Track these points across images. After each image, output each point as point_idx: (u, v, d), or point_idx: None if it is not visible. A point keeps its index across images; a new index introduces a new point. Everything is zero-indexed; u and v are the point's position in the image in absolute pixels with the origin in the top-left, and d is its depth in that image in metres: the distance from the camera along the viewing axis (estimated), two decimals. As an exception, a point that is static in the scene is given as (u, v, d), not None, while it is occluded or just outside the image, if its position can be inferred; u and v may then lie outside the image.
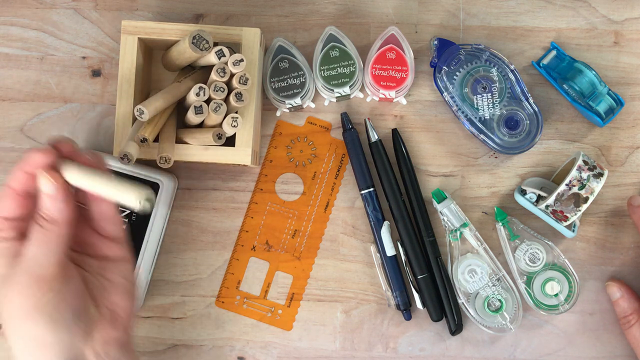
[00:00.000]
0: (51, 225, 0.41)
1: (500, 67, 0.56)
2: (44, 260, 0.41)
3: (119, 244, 0.46)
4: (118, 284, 0.45)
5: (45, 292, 0.41)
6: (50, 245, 0.41)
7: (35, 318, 0.41)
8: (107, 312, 0.44)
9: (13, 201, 0.43)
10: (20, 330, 0.41)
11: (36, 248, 0.41)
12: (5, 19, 0.59)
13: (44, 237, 0.41)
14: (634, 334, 0.54)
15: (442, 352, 0.57)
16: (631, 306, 0.54)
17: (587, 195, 0.53)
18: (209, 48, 0.49)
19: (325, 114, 0.59)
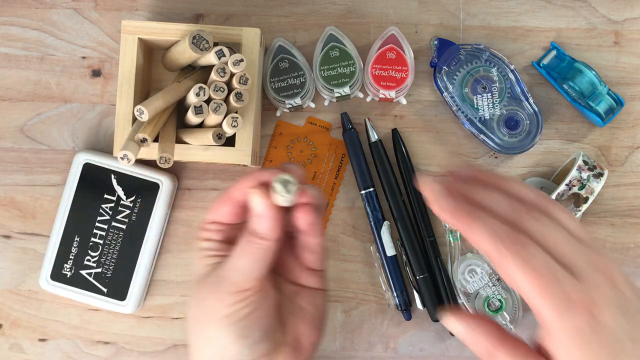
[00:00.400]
0: (260, 241, 0.41)
1: (500, 67, 0.56)
2: (248, 272, 0.41)
3: (319, 275, 0.45)
4: (309, 313, 0.44)
5: (242, 304, 0.40)
6: (256, 261, 0.41)
7: (224, 326, 0.40)
8: (292, 339, 0.43)
9: (230, 209, 0.43)
10: (205, 333, 0.41)
11: (242, 259, 0.41)
12: (5, 19, 0.59)
13: (252, 251, 0.41)
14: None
15: (442, 352, 0.57)
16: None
17: (587, 195, 0.53)
18: (209, 48, 0.49)
19: (325, 114, 0.59)
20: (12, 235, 0.58)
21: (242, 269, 0.41)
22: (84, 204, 0.56)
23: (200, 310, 0.41)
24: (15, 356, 0.57)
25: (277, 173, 0.41)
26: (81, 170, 0.56)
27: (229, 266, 0.41)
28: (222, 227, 0.44)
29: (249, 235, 0.41)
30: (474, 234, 0.34)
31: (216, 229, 0.44)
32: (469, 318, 0.36)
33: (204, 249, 0.43)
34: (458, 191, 0.36)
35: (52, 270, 0.56)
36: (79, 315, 0.58)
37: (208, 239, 0.43)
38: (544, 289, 0.32)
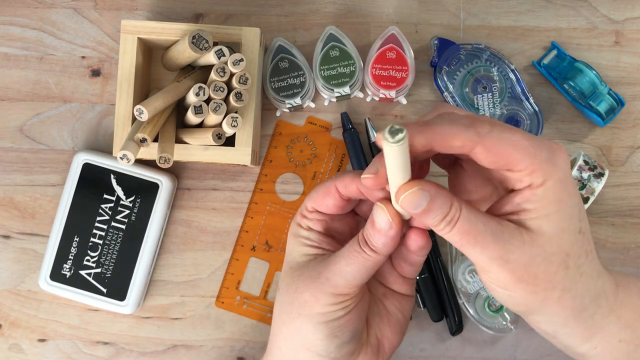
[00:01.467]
0: (372, 254, 0.38)
1: (501, 67, 0.56)
2: (351, 280, 0.39)
3: (410, 283, 0.44)
4: (394, 317, 0.44)
5: (339, 306, 0.39)
6: (361, 270, 0.39)
7: (317, 324, 0.40)
8: (375, 340, 0.43)
9: (335, 202, 0.41)
10: (295, 323, 0.40)
11: (348, 266, 0.39)
12: (5, 18, 0.59)
13: (360, 260, 0.38)
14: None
15: (442, 352, 0.57)
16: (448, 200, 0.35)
17: (587, 195, 0.53)
18: (209, 48, 0.49)
19: (325, 114, 0.58)
20: (12, 236, 0.58)
21: (347, 275, 0.39)
22: (84, 204, 0.56)
23: (294, 299, 0.40)
24: (14, 356, 0.57)
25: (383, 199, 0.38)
26: (81, 170, 0.56)
27: (332, 268, 0.39)
28: (322, 217, 0.42)
29: (362, 245, 0.38)
30: (443, 134, 0.33)
31: (317, 219, 0.42)
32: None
33: (302, 237, 0.42)
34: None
35: (51, 271, 0.56)
36: (79, 315, 0.58)
37: (309, 228, 0.42)
38: (531, 146, 0.33)
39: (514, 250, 0.33)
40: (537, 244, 0.34)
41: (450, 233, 0.34)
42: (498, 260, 0.34)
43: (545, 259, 0.34)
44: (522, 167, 0.33)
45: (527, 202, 0.34)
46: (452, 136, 0.33)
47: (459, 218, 0.33)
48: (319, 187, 0.41)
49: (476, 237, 0.33)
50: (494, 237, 0.33)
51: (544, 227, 0.34)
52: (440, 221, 0.34)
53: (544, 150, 0.34)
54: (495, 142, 0.33)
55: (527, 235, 0.34)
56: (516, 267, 0.34)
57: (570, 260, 0.34)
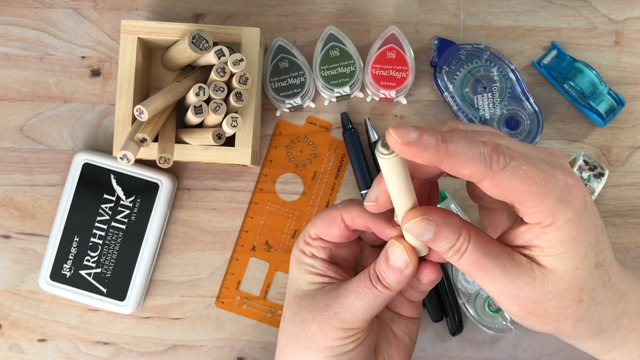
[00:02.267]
0: (383, 290, 0.37)
1: (501, 67, 0.56)
2: (360, 315, 0.38)
3: (417, 306, 0.44)
4: (401, 340, 0.43)
5: (348, 340, 0.39)
6: (372, 306, 0.38)
7: (326, 357, 0.39)
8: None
9: (338, 231, 0.40)
10: (303, 355, 0.40)
11: (357, 301, 0.38)
12: (5, 18, 0.59)
13: (371, 296, 0.37)
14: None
15: (442, 352, 0.57)
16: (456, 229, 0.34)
17: (587, 195, 0.53)
18: (209, 48, 0.49)
19: (325, 114, 0.58)
20: (12, 236, 0.58)
21: (356, 311, 0.38)
22: (84, 204, 0.56)
23: (300, 331, 0.39)
24: (14, 356, 0.57)
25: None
26: (80, 170, 0.56)
27: (342, 302, 0.38)
28: (326, 244, 0.41)
29: (374, 281, 0.37)
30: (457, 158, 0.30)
31: (320, 246, 0.41)
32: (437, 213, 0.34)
33: (307, 264, 0.41)
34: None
35: (51, 271, 0.56)
36: (79, 315, 0.58)
37: (312, 255, 0.41)
38: (544, 184, 0.31)
39: (523, 287, 0.32)
40: (549, 282, 0.33)
41: (458, 262, 0.33)
42: (507, 295, 0.33)
43: (556, 295, 0.33)
44: (530, 206, 0.32)
45: (537, 239, 0.32)
46: (464, 163, 0.30)
47: (467, 249, 0.32)
48: (324, 215, 0.40)
49: (484, 269, 0.32)
50: (503, 270, 0.32)
51: (556, 266, 0.32)
52: (448, 250, 0.33)
53: (557, 188, 0.31)
54: (506, 179, 0.31)
55: (538, 271, 0.33)
56: (526, 303, 0.33)
57: (584, 295, 0.33)
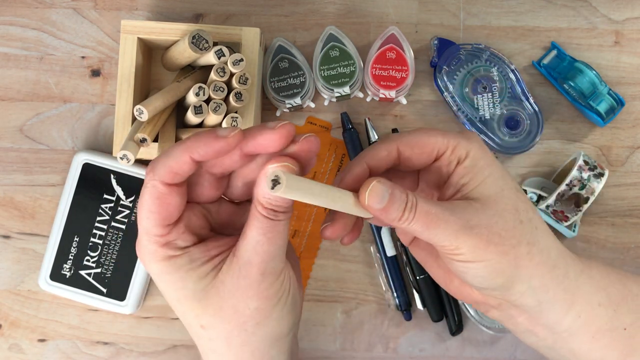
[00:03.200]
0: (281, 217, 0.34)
1: (501, 67, 0.56)
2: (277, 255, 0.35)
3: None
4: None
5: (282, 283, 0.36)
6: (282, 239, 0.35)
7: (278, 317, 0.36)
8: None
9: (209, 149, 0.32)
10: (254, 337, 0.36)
11: (270, 246, 0.34)
12: (5, 18, 0.59)
13: (275, 232, 0.34)
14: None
15: (442, 352, 0.57)
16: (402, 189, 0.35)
17: (587, 195, 0.53)
18: (209, 48, 0.49)
19: (325, 114, 0.58)
20: (12, 236, 0.58)
21: (275, 251, 0.34)
22: (84, 204, 0.56)
23: (240, 318, 0.35)
24: (14, 356, 0.57)
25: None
26: (80, 170, 0.56)
27: (258, 258, 0.34)
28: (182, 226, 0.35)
29: (271, 215, 0.33)
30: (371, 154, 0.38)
31: (180, 232, 0.35)
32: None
33: (183, 264, 0.34)
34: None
35: (51, 271, 0.56)
36: (79, 315, 0.58)
37: (180, 248, 0.35)
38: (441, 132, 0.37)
39: (472, 217, 0.35)
40: (488, 207, 0.36)
41: (413, 220, 0.34)
42: (462, 229, 0.35)
43: (500, 216, 0.36)
44: (444, 149, 0.37)
45: (462, 178, 0.37)
46: (377, 151, 0.37)
47: (417, 204, 0.35)
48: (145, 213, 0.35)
49: (437, 215, 0.34)
50: (451, 211, 0.35)
51: (485, 191, 0.36)
52: (403, 211, 0.34)
53: (454, 133, 0.38)
54: (410, 138, 0.37)
55: (475, 203, 0.36)
56: (481, 231, 0.35)
57: (521, 215, 0.37)
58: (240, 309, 0.35)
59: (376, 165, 0.38)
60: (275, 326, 0.36)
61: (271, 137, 0.33)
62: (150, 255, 0.35)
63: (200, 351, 0.39)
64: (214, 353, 0.37)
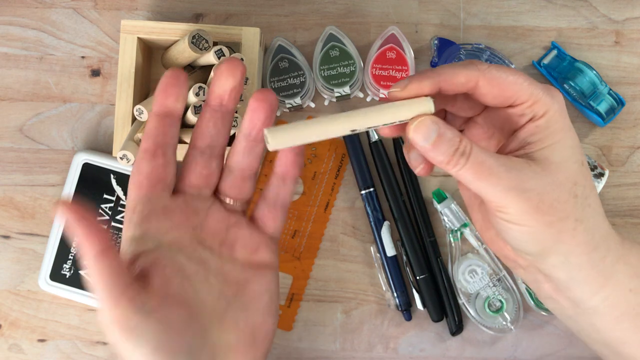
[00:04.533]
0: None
1: (501, 67, 0.56)
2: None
3: (273, 245, 0.38)
4: (261, 300, 0.36)
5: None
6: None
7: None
8: (244, 336, 0.35)
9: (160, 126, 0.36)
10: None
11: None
12: (5, 18, 0.59)
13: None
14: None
15: (442, 352, 0.57)
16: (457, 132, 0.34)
17: (588, 195, 0.53)
18: (209, 47, 0.49)
19: (325, 114, 0.58)
20: (11, 236, 0.58)
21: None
22: (84, 204, 0.56)
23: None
24: (14, 357, 0.57)
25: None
26: (80, 170, 0.56)
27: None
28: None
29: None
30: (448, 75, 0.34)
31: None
32: None
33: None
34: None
35: (51, 271, 0.56)
36: (78, 315, 0.58)
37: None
38: (529, 79, 0.35)
39: (527, 180, 0.34)
40: (547, 173, 0.34)
41: (464, 168, 0.33)
42: (514, 190, 0.33)
43: (557, 186, 0.34)
44: (524, 99, 0.35)
45: (531, 136, 0.35)
46: (456, 74, 0.34)
47: (471, 152, 0.33)
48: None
49: (490, 168, 0.33)
50: (507, 168, 0.33)
51: (550, 157, 0.35)
52: (453, 154, 0.33)
53: (540, 85, 0.35)
54: (495, 75, 0.34)
55: (535, 166, 0.34)
56: (532, 196, 0.34)
57: (578, 189, 0.35)
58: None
59: (448, 88, 0.35)
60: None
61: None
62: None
63: None
64: None
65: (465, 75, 0.34)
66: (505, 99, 0.35)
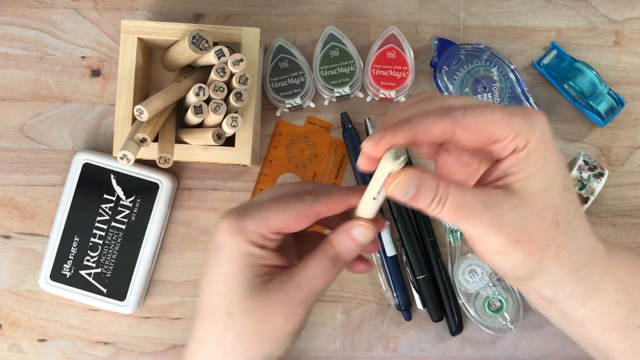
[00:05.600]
0: (342, 267, 0.39)
1: (501, 67, 0.56)
2: (321, 294, 0.39)
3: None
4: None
5: (305, 318, 0.39)
6: (330, 284, 0.39)
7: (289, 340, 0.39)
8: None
9: (307, 223, 0.39)
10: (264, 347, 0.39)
11: (322, 284, 0.38)
12: (5, 18, 0.59)
13: (332, 276, 0.38)
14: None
15: (442, 352, 0.57)
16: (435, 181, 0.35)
17: (587, 195, 0.53)
18: (209, 48, 0.49)
19: (325, 114, 0.58)
20: (12, 236, 0.58)
21: (320, 292, 0.39)
22: (84, 204, 0.56)
23: (263, 326, 0.38)
24: (14, 356, 0.57)
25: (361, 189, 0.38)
26: (81, 170, 0.56)
27: (306, 288, 0.38)
28: (282, 235, 0.39)
29: (335, 262, 0.38)
30: (424, 129, 0.33)
31: (277, 238, 0.39)
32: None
33: (257, 256, 0.38)
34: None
35: (51, 271, 0.56)
36: (79, 315, 0.58)
37: (263, 246, 0.38)
38: (507, 112, 0.34)
39: (505, 215, 0.34)
40: (526, 205, 0.34)
41: (442, 212, 0.34)
42: (492, 227, 0.34)
43: (536, 217, 0.34)
44: (504, 136, 0.34)
45: (511, 167, 0.34)
46: (430, 127, 0.34)
47: (448, 196, 0.34)
48: (288, 209, 0.38)
49: (467, 209, 0.34)
50: (484, 205, 0.34)
51: (529, 187, 0.34)
52: (430, 203, 0.34)
53: (519, 115, 0.34)
54: (471, 121, 0.34)
55: (515, 198, 0.34)
56: (511, 231, 0.34)
57: (560, 217, 0.35)
58: (268, 319, 0.38)
59: (424, 141, 0.35)
60: (274, 349, 0.39)
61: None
62: (243, 231, 0.38)
63: (195, 335, 0.41)
64: (216, 343, 0.39)
65: (441, 128, 0.34)
66: (485, 141, 0.34)
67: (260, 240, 0.38)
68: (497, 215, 0.34)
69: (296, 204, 0.38)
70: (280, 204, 0.38)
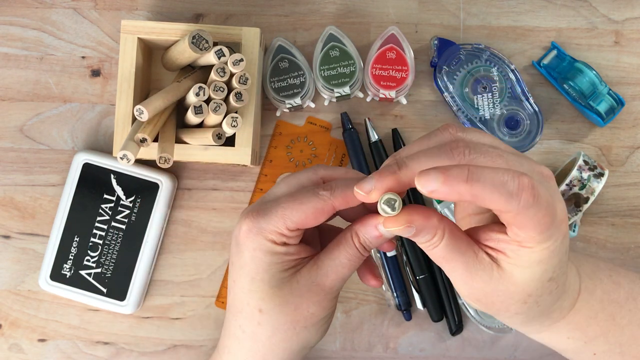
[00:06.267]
0: (365, 254, 0.40)
1: (501, 67, 0.56)
2: (346, 279, 0.40)
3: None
4: None
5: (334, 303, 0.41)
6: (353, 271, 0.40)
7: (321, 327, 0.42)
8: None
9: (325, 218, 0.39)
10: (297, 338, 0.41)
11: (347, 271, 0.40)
12: (5, 18, 0.59)
13: (357, 263, 0.40)
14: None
15: (442, 352, 0.57)
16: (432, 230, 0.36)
17: (587, 195, 0.53)
18: (209, 48, 0.49)
19: (325, 114, 0.58)
20: (12, 236, 0.58)
21: (345, 278, 0.40)
22: (84, 204, 0.56)
23: (296, 316, 0.40)
24: (14, 356, 0.57)
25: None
26: (81, 170, 0.56)
27: (333, 276, 0.40)
28: (302, 230, 0.40)
29: (361, 250, 0.39)
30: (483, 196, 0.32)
31: (297, 235, 0.40)
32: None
33: (281, 254, 0.39)
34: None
35: (51, 271, 0.56)
36: (79, 315, 0.58)
37: (284, 243, 0.39)
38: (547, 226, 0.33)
39: (479, 282, 0.36)
40: (503, 282, 0.35)
41: (429, 252, 0.36)
42: (463, 283, 0.36)
43: (506, 294, 0.36)
44: (528, 237, 0.33)
45: (509, 250, 0.35)
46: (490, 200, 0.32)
47: (439, 245, 0.35)
48: (305, 206, 0.38)
49: (450, 262, 0.35)
50: (465, 265, 0.35)
51: (515, 274, 0.35)
52: (423, 243, 0.36)
53: (553, 225, 0.33)
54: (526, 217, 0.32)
55: (496, 272, 0.35)
56: (477, 293, 0.36)
57: (530, 299, 0.36)
58: (300, 309, 0.40)
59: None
60: (311, 336, 0.41)
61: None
62: (262, 232, 0.39)
63: (228, 332, 0.43)
64: (251, 339, 0.41)
65: (499, 206, 0.32)
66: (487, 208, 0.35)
67: (281, 239, 0.39)
68: (471, 279, 0.35)
69: (313, 200, 0.38)
70: (297, 201, 0.38)
